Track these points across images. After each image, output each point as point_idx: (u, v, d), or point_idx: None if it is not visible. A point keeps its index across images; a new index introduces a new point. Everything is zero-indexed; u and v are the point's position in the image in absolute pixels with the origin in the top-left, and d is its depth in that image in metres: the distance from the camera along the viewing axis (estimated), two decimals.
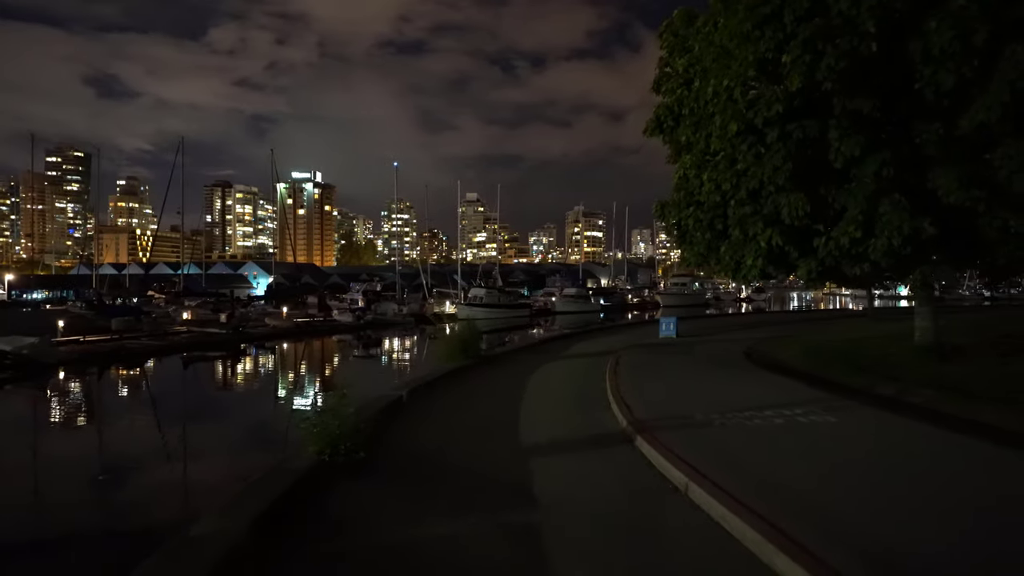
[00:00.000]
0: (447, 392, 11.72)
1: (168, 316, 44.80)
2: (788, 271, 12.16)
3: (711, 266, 13.41)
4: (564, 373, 14.68)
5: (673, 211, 13.41)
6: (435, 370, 13.71)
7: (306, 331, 43.81)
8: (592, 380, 13.03)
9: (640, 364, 14.91)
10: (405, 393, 10.59)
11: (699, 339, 22.32)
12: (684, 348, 19.06)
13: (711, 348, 19.02)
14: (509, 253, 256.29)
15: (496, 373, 14.34)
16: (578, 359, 17.62)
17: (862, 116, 10.15)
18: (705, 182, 11.98)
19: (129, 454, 12.97)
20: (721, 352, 17.80)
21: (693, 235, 13.07)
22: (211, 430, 15.37)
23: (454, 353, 15.01)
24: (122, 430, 15.51)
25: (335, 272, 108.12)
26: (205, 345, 35.12)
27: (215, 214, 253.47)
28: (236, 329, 37.98)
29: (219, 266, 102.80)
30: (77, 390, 22.76)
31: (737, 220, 11.60)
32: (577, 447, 7.77)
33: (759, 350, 17.90)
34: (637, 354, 17.23)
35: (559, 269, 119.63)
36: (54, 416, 17.74)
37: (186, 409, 18.73)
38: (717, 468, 6.05)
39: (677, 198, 13.21)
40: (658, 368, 14.42)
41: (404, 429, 8.65)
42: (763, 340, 20.71)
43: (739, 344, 19.97)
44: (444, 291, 66.73)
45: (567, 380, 13.49)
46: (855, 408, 9.36)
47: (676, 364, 15.52)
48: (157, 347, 32.48)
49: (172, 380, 25.93)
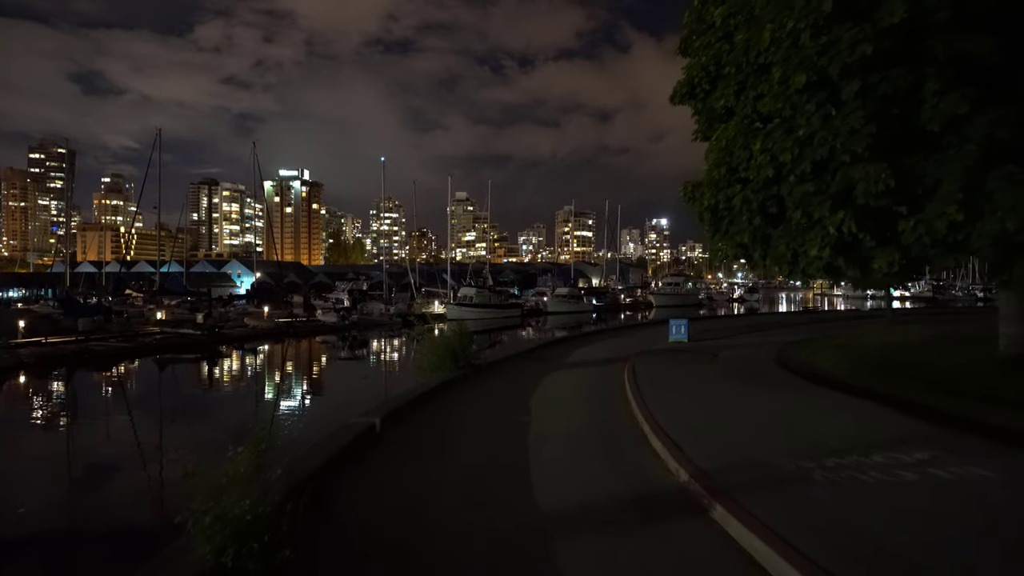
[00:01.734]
0: (432, 418, 9.32)
1: (142, 316, 42.50)
2: (860, 265, 9.60)
3: (755, 260, 10.95)
4: (573, 388, 12.30)
5: (708, 192, 10.79)
6: (418, 386, 11.17)
7: (287, 332, 41.54)
8: (611, 399, 10.76)
9: (662, 377, 12.45)
10: (378, 422, 8.28)
11: (713, 343, 20.01)
12: (703, 355, 16.65)
13: (733, 355, 16.61)
14: (499, 252, 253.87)
15: (491, 389, 11.99)
16: (585, 369, 15.30)
17: (972, 63, 7.91)
18: (756, 154, 9.42)
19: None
20: (748, 360, 15.46)
21: (736, 220, 10.53)
22: (119, 468, 12.50)
23: (442, 362, 12.61)
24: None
25: (321, 271, 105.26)
26: (178, 347, 32.91)
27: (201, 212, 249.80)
28: (212, 330, 35.57)
29: (202, 264, 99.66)
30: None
31: (798, 200, 9.17)
32: (619, 522, 5.18)
33: (791, 357, 15.53)
34: (652, 362, 14.95)
35: (550, 268, 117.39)
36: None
37: (109, 433, 15.89)
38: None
39: (715, 176, 10.54)
40: (687, 382, 11.95)
41: (367, 487, 6.19)
42: (787, 344, 18.42)
43: (761, 349, 17.70)
44: (433, 290, 64.44)
45: (580, 399, 11.11)
46: (998, 452, 6.66)
47: (705, 376, 12.92)
48: (124, 350, 30.17)
49: (121, 389, 23.32)
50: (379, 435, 8.06)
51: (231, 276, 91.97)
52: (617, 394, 11.15)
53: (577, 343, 22.60)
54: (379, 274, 65.80)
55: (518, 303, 64.32)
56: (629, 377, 12.11)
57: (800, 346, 17.81)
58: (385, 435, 8.11)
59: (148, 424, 16.46)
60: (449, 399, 10.68)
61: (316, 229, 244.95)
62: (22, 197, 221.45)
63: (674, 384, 11.54)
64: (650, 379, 11.90)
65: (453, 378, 12.05)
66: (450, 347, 12.81)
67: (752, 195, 9.93)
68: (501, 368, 14.92)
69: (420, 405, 9.96)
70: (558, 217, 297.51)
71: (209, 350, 32.79)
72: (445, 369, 12.43)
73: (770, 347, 18.36)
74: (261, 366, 29.83)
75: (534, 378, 13.18)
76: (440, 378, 11.77)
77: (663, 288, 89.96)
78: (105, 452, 13.60)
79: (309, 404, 19.26)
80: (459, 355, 12.90)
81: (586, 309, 68.68)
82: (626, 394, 10.83)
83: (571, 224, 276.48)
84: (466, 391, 11.51)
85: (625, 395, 10.83)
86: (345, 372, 28.17)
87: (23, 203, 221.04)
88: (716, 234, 11.37)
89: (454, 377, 12.14)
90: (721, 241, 11.31)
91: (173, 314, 42.32)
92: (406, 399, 9.80)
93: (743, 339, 21.73)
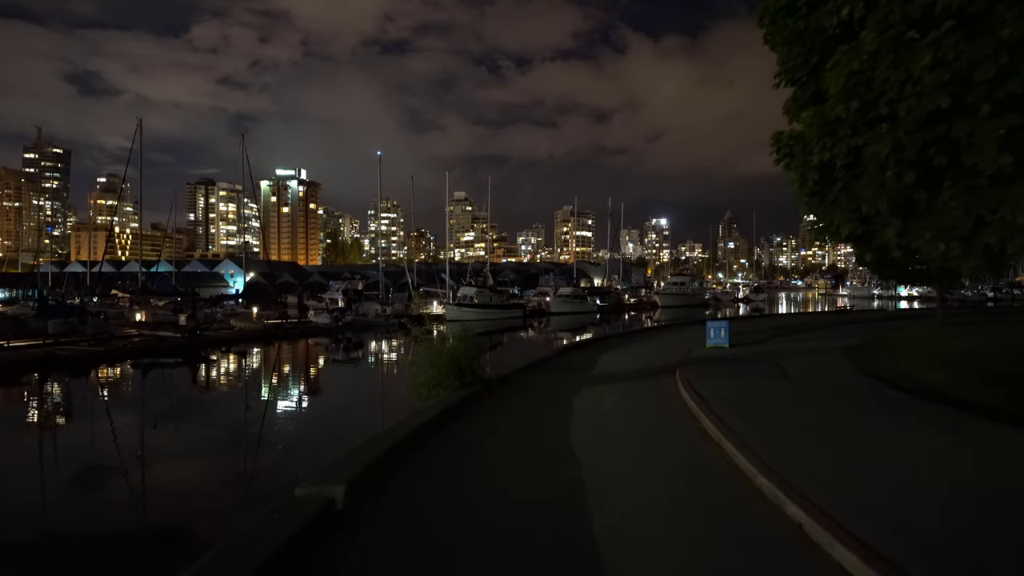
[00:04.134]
0: (428, 478, 6.17)
1: (122, 317, 40.23)
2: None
3: (887, 239, 7.96)
4: (625, 419, 9.10)
5: (818, 144, 7.70)
6: (411, 416, 8.08)
7: (276, 334, 39.20)
8: (687, 438, 7.73)
9: (738, 400, 9.46)
10: (340, 494, 5.13)
11: (760, 349, 17.43)
12: (762, 365, 13.80)
13: (800, 365, 13.77)
14: (498, 253, 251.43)
15: (511, 420, 9.00)
16: (622, 385, 12.20)
17: None
18: (919, 73, 6.53)
19: None
20: (825, 372, 12.80)
21: (870, 179, 7.37)
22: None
23: (444, 378, 9.98)
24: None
25: (317, 271, 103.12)
26: (156, 351, 30.60)
27: (198, 212, 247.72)
28: (193, 332, 33.19)
29: (194, 264, 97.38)
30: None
31: (999, 138, 6.15)
32: None
33: (874, 366, 12.98)
34: (708, 376, 11.89)
35: (552, 268, 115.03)
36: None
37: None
38: None
39: (834, 116, 7.46)
40: (779, 410, 8.96)
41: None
42: (851, 350, 15.86)
43: (827, 357, 15.18)
44: (431, 290, 62.20)
45: (643, 438, 7.85)
46: None
47: (793, 399, 10.02)
48: (93, 355, 27.73)
49: (59, 404, 20.58)
50: (341, 515, 5.04)
51: (224, 276, 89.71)
52: (691, 429, 8.24)
53: (598, 349, 19.84)
54: (376, 274, 63.56)
55: (520, 303, 62.16)
56: (693, 399, 9.55)
57: (869, 351, 15.33)
58: (351, 518, 5.02)
59: (99, 449, 14.08)
60: (454, 440, 7.67)
61: (313, 229, 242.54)
62: (16, 197, 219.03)
63: (764, 412, 8.63)
64: (725, 404, 9.02)
65: (459, 400, 9.39)
66: (454, 358, 10.17)
67: (906, 137, 6.87)
68: (518, 384, 12.09)
69: (411, 452, 6.85)
70: (557, 217, 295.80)
71: (189, 354, 30.51)
72: (448, 387, 9.90)
73: (832, 353, 15.91)
74: (237, 374, 27.30)
75: (563, 400, 10.38)
76: (442, 401, 9.16)
77: (668, 288, 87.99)
78: None
79: (277, 430, 15.37)
80: (466, 369, 10.25)
81: (591, 309, 66.61)
82: (703, 427, 8.14)
83: (571, 224, 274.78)
84: (477, 424, 8.62)
85: (702, 429, 8.08)
86: (333, 380, 25.71)
87: (17, 203, 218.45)
88: (824, 203, 8.32)
89: (460, 399, 9.44)
90: (833, 214, 8.30)
91: (155, 315, 40.04)
92: (393, 440, 6.72)
93: (790, 343, 19.26)
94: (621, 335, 25.40)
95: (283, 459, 12.18)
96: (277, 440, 13.89)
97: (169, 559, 7.44)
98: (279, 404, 19.39)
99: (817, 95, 8.06)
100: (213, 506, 9.74)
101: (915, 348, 13.85)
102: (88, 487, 11.22)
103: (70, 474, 12.05)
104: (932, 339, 15.39)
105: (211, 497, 10.17)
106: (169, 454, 13.19)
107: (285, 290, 64.18)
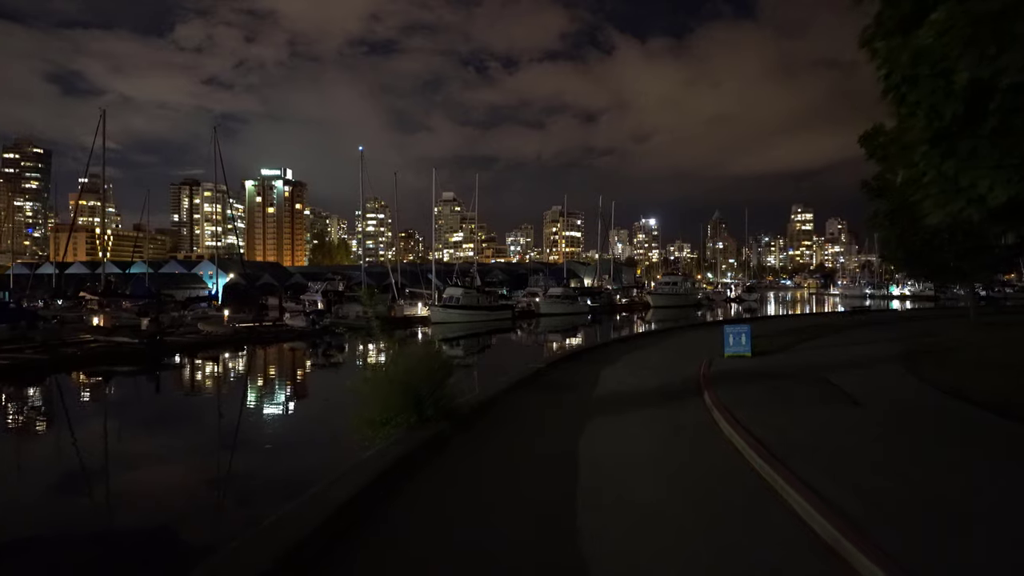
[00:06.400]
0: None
1: (81, 322, 37.44)
2: None
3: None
4: (656, 479, 6.28)
5: (971, 52, 4.75)
6: (328, 489, 5.19)
7: (248, 339, 36.61)
8: (780, 536, 4.72)
9: (816, 443, 7.03)
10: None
11: (787, 359, 15.06)
12: (809, 382, 11.42)
13: (857, 381, 11.23)
14: (487, 253, 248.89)
15: (483, 491, 5.97)
16: (638, 414, 9.34)
17: None
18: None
19: None
20: (891, 392, 10.39)
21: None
22: None
23: (397, 410, 7.13)
24: None
25: (299, 272, 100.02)
26: (111, 358, 27.97)
27: (182, 213, 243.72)
28: (152, 338, 30.48)
29: (172, 264, 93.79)
30: None
31: None
32: None
33: (945, 383, 10.55)
34: (751, 401, 9.38)
35: (541, 268, 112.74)
36: None
37: None
38: None
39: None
40: (896, 462, 6.38)
41: None
42: (897, 360, 13.66)
43: (874, 370, 12.76)
44: (417, 291, 59.80)
45: (692, 525, 5.04)
46: None
47: (894, 438, 7.47)
48: (37, 363, 25.00)
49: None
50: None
51: (202, 277, 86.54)
52: (773, 510, 5.29)
53: (597, 358, 16.91)
54: (360, 274, 60.98)
55: (509, 304, 59.84)
56: (748, 443, 6.91)
57: (927, 362, 12.79)
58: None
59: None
60: (389, 538, 4.79)
61: (299, 230, 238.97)
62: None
63: (867, 469, 5.99)
64: (804, 455, 6.37)
65: (410, 451, 6.43)
66: (409, 386, 7.29)
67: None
68: (499, 416, 9.21)
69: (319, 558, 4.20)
70: (546, 217, 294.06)
71: (148, 362, 27.88)
72: (401, 422, 7.13)
73: (883, 365, 13.46)
74: (188, 387, 24.34)
75: (563, 445, 7.45)
76: (384, 453, 6.25)
77: (660, 288, 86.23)
78: None
79: (174, 484, 11.38)
80: (426, 400, 7.36)
81: (582, 310, 64.48)
82: (791, 504, 5.28)
83: (560, 224, 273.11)
84: (430, 499, 5.69)
85: (790, 510, 5.20)
86: (288, 397, 22.10)
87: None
88: (956, 156, 5.46)
89: (412, 449, 6.51)
90: (973, 169, 5.40)
91: (118, 319, 37.32)
92: (279, 548, 3.93)
93: (820, 351, 16.72)
94: (621, 340, 22.78)
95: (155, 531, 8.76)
96: (169, 497, 10.49)
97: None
98: (203, 437, 15.62)
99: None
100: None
101: (978, 358, 11.59)
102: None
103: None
104: (987, 346, 13.08)
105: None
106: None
107: (265, 292, 61.42)
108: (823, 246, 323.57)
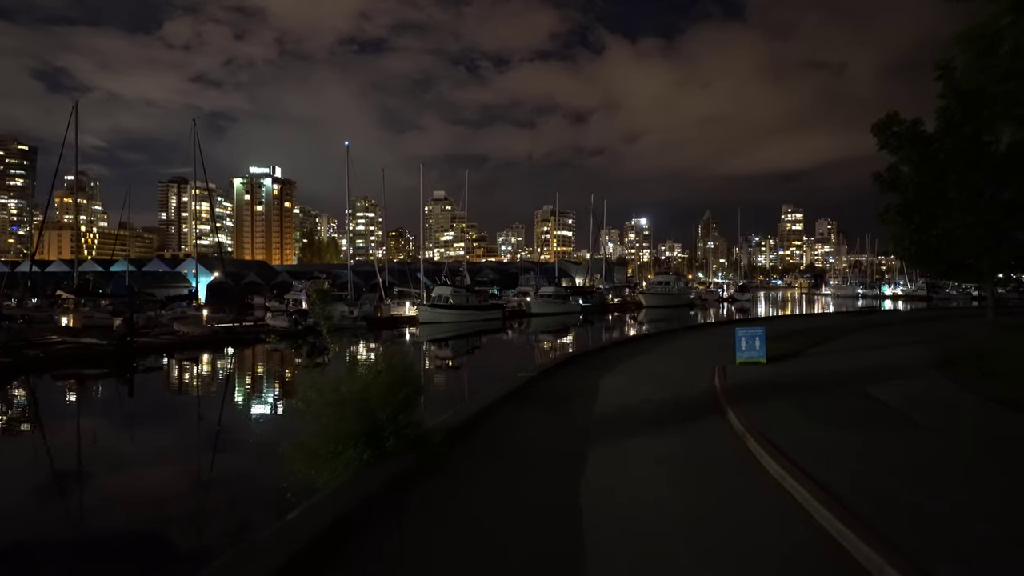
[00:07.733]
0: None
1: (51, 321, 35.88)
2: None
3: None
4: (687, 546, 4.60)
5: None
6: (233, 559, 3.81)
7: (226, 339, 35.19)
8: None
9: (916, 501, 5.22)
10: None
11: (809, 367, 13.63)
12: (846, 395, 10.10)
13: (901, 396, 9.83)
14: (477, 252, 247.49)
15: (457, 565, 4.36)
16: (650, 439, 7.78)
17: None
18: None
19: None
20: (946, 408, 9.08)
21: None
22: None
23: (348, 441, 5.53)
24: None
25: (286, 270, 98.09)
26: (80, 360, 26.54)
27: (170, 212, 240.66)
28: (123, 339, 28.92)
29: (155, 263, 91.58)
30: None
31: None
32: None
33: (1001, 395, 9.29)
34: (787, 422, 8.06)
35: (532, 267, 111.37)
36: None
37: None
38: None
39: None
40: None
41: None
42: (935, 368, 12.56)
43: (914, 380, 11.36)
44: (405, 291, 58.39)
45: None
46: None
47: (995, 481, 5.94)
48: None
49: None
50: None
51: (186, 276, 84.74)
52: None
53: (595, 365, 15.13)
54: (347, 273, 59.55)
55: (499, 304, 58.57)
56: (804, 486, 5.38)
57: (968, 369, 11.46)
58: None
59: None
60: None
61: (289, 228, 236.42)
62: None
63: (1004, 539, 4.47)
64: (890, 509, 4.90)
65: (361, 501, 4.95)
66: (366, 408, 5.68)
67: None
68: (481, 443, 7.67)
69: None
70: (537, 217, 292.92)
71: (118, 364, 26.40)
72: (353, 458, 5.50)
73: (921, 374, 12.10)
74: (150, 394, 22.76)
75: (562, 488, 5.87)
76: (323, 504, 4.80)
77: (652, 287, 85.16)
78: None
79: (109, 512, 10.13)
80: (386, 425, 5.75)
81: (574, 310, 63.23)
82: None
83: (551, 223, 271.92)
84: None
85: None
86: (254, 406, 20.48)
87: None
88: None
89: (365, 497, 5.03)
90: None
91: (90, 319, 35.77)
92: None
93: (840, 356, 15.26)
94: (618, 344, 21.12)
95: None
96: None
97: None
98: (150, 453, 13.86)
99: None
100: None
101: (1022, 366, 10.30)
102: None
103: None
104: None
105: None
106: None
107: (251, 290, 59.82)
108: (813, 246, 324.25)
